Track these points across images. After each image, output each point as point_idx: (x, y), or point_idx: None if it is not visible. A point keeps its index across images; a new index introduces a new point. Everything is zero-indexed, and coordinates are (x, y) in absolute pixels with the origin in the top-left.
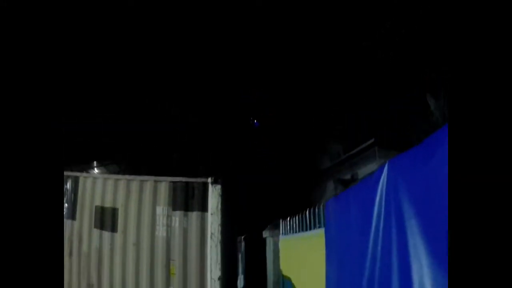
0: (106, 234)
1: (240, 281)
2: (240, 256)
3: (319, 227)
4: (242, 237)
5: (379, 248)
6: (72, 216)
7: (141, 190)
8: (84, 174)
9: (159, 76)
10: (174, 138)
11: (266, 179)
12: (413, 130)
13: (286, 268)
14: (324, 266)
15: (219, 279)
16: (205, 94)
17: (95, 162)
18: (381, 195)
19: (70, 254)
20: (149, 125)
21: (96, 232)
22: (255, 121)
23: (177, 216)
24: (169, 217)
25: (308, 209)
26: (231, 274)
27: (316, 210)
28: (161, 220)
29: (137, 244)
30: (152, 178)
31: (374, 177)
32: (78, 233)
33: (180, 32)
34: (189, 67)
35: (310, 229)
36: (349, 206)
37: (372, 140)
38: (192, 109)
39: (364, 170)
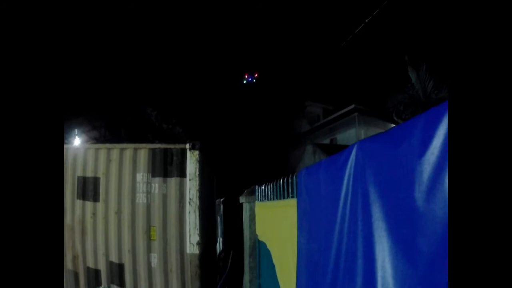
0: (89, 204)
1: (219, 244)
2: (218, 219)
3: (292, 196)
4: (221, 200)
5: (345, 227)
6: None
7: (121, 158)
8: (65, 145)
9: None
10: (154, 102)
11: (245, 144)
12: (393, 100)
13: (261, 232)
14: (295, 235)
15: (197, 244)
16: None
17: (76, 130)
18: (349, 175)
19: None
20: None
21: (78, 203)
22: (249, 77)
23: (157, 182)
24: (148, 183)
25: (282, 177)
26: (210, 238)
27: (290, 179)
28: (141, 187)
29: (119, 212)
30: (132, 145)
31: (344, 155)
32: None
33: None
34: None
35: (284, 197)
36: (319, 181)
37: (352, 106)
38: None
39: (343, 136)
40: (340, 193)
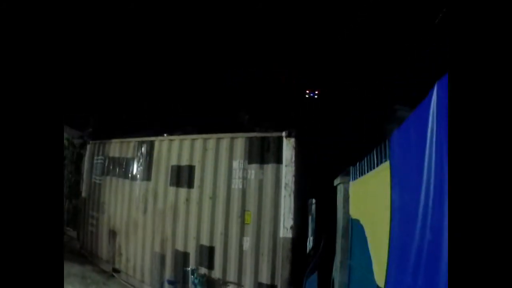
0: (182, 191)
1: (310, 242)
2: (310, 218)
3: (385, 160)
4: (313, 200)
5: (432, 176)
6: (148, 177)
7: (217, 147)
8: (160, 137)
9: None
10: (245, 100)
11: (338, 139)
12: None
13: (355, 211)
14: (389, 198)
15: (291, 227)
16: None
17: (165, 135)
18: (432, 120)
19: (145, 212)
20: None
21: (172, 189)
22: (311, 93)
23: (253, 168)
24: (245, 170)
25: (375, 148)
26: (302, 223)
27: (382, 145)
28: (237, 173)
29: (213, 197)
30: (229, 135)
31: (427, 100)
32: (153, 192)
33: None
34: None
35: (377, 165)
36: (408, 135)
37: None
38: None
39: None
40: (425, 138)
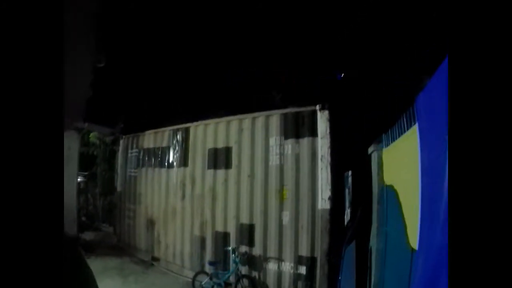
0: (220, 172)
1: (347, 215)
2: (346, 191)
3: (414, 124)
4: (349, 172)
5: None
6: (184, 163)
7: (253, 126)
8: (195, 123)
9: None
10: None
11: (371, 110)
12: None
13: (388, 177)
14: (418, 160)
15: (329, 198)
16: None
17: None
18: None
19: (183, 197)
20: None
21: (209, 172)
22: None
23: (289, 143)
24: (281, 146)
25: (404, 113)
26: (339, 196)
27: (411, 109)
28: (274, 150)
29: (252, 175)
30: (263, 113)
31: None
32: (191, 177)
33: None
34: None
35: (406, 130)
36: (431, 94)
37: None
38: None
39: None
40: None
